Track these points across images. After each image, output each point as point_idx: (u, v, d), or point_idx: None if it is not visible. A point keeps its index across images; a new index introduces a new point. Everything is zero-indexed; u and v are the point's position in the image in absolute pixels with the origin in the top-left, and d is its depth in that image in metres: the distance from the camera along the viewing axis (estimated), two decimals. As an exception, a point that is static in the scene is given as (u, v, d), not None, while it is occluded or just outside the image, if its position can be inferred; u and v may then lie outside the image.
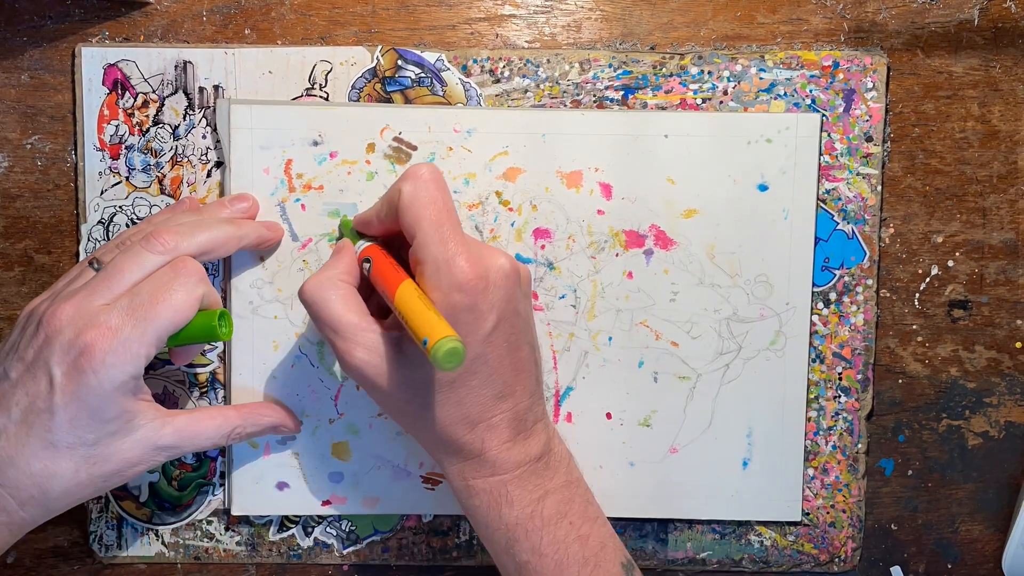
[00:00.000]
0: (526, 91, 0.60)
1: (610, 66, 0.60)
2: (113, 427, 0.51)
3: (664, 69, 0.60)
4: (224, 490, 0.62)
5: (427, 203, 0.51)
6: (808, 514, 0.62)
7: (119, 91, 0.59)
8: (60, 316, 0.50)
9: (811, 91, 0.60)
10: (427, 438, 0.54)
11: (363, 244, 0.56)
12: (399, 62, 0.60)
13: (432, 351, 0.46)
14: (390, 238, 0.55)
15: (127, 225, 0.60)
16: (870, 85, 0.60)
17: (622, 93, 0.60)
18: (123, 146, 0.60)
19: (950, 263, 0.62)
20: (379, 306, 0.55)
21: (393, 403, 0.53)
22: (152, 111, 0.60)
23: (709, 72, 0.60)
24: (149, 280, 0.51)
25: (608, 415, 0.61)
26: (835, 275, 0.61)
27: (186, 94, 0.60)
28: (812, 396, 0.62)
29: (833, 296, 0.61)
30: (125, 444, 0.51)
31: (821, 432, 0.62)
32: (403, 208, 0.51)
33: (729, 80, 0.60)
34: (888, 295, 0.62)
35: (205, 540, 0.62)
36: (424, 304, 0.49)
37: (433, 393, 0.52)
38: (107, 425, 0.50)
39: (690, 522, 0.63)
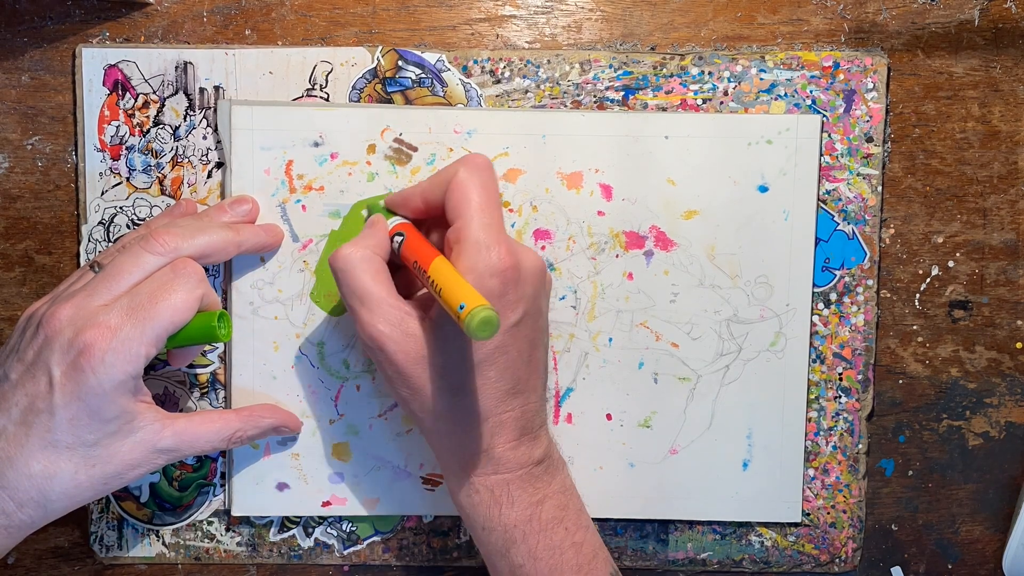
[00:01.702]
0: (527, 92, 0.60)
1: (610, 67, 0.60)
2: (112, 427, 0.51)
3: (664, 70, 0.60)
4: (225, 491, 0.62)
5: (478, 188, 0.52)
6: (808, 515, 0.62)
7: (120, 92, 0.59)
8: (59, 316, 0.50)
9: (811, 92, 0.60)
10: (434, 427, 0.53)
11: (396, 220, 0.56)
12: (400, 63, 0.60)
13: (468, 317, 0.46)
14: (420, 221, 0.56)
15: (128, 226, 0.60)
16: (870, 85, 0.60)
17: (623, 94, 0.60)
18: (124, 147, 0.60)
19: (950, 263, 0.62)
20: (402, 287, 0.55)
21: (406, 383, 0.52)
22: (153, 112, 0.60)
23: (709, 73, 0.60)
24: (149, 280, 0.51)
25: (608, 416, 0.61)
26: (835, 275, 0.61)
27: (187, 95, 0.60)
28: (812, 396, 0.62)
29: (833, 296, 0.61)
30: (125, 446, 0.51)
31: (821, 432, 0.62)
32: (454, 187, 0.52)
33: (729, 81, 0.60)
34: (888, 295, 0.62)
35: (206, 541, 0.62)
36: (459, 276, 0.49)
37: (448, 378, 0.52)
38: (107, 425, 0.50)
39: (690, 523, 0.63)
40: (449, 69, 0.60)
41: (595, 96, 0.60)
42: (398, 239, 0.55)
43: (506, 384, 0.52)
